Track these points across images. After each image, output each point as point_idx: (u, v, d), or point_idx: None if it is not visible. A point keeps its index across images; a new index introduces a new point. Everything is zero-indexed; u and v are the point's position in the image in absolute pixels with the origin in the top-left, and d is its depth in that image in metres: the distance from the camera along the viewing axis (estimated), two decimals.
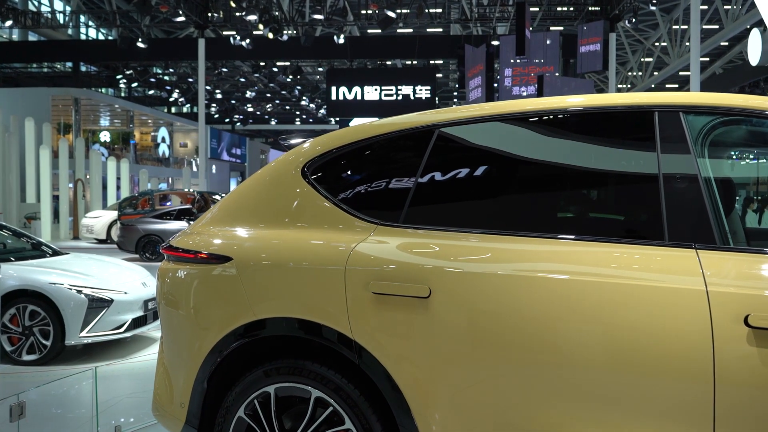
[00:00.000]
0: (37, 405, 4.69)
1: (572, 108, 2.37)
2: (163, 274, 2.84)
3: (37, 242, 7.32)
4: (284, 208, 2.62)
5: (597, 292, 1.98)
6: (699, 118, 2.16)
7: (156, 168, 37.85)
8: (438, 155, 2.46)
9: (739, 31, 22.36)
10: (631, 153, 2.27)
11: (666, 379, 1.89)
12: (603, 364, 1.95)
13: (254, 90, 39.95)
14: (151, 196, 18.41)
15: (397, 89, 26.96)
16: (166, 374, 2.78)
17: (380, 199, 2.52)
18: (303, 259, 2.42)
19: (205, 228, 2.81)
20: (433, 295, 2.16)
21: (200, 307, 2.63)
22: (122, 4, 29.19)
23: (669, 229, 2.03)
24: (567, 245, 2.13)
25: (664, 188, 2.08)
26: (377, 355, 2.25)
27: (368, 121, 2.71)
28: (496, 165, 2.44)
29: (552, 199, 2.39)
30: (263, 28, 22.86)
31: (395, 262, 2.27)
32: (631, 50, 33.21)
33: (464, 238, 2.26)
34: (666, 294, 1.92)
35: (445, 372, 2.15)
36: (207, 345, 2.56)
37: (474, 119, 2.46)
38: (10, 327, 5.92)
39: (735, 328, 1.84)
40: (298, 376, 2.40)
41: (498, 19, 26.21)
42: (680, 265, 1.96)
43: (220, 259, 2.58)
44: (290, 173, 2.67)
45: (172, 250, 2.80)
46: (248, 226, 2.66)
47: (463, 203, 2.45)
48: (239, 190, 2.84)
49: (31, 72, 37.24)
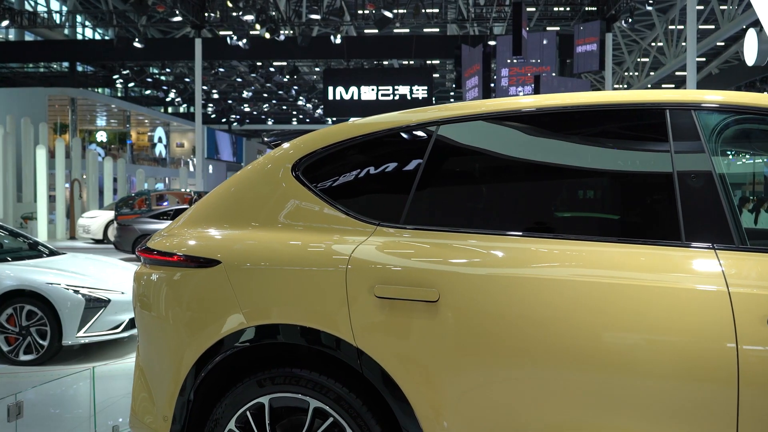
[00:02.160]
0: (35, 405, 4.69)
1: (587, 105, 2.28)
2: (139, 278, 2.65)
3: (34, 242, 7.31)
4: (274, 208, 2.46)
5: (616, 294, 1.93)
6: (711, 116, 2.12)
7: (153, 168, 37.81)
8: (440, 152, 2.35)
9: (735, 31, 22.42)
10: (644, 152, 2.21)
11: (689, 382, 1.85)
12: (623, 368, 1.90)
13: (251, 90, 39.90)
14: (147, 196, 18.39)
15: (393, 89, 26.97)
16: (145, 384, 2.59)
17: (379, 198, 2.42)
18: (298, 261, 2.28)
19: (184, 230, 2.61)
20: (443, 298, 2.06)
21: (184, 314, 2.44)
22: (119, 3, 29.13)
23: (686, 230, 1.99)
24: (582, 246, 2.06)
25: (679, 187, 2.03)
26: (382, 363, 2.13)
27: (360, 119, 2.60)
28: (503, 164, 2.35)
29: (565, 198, 2.33)
30: (260, 28, 22.83)
31: (400, 264, 2.15)
32: (627, 50, 33.26)
33: (472, 238, 2.16)
34: (688, 296, 1.89)
35: (455, 379, 2.06)
36: (194, 353, 2.38)
37: (481, 116, 2.35)
38: (7, 327, 5.92)
39: (759, 329, 1.81)
40: (295, 385, 2.27)
41: (495, 19, 26.21)
42: (700, 266, 1.93)
43: (206, 263, 2.40)
44: (278, 172, 2.52)
45: (149, 253, 2.61)
46: (234, 228, 2.48)
47: (468, 203, 2.37)
48: (222, 190, 2.66)
49: (27, 72, 37.14)
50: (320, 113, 44.11)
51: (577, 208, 2.34)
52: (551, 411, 1.97)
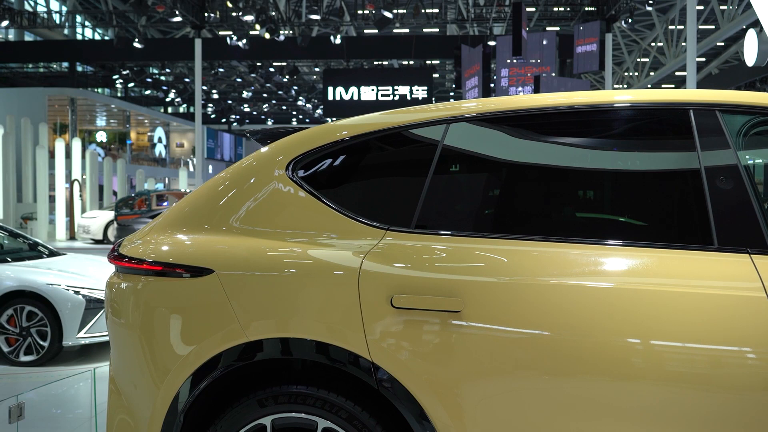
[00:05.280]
0: (36, 406, 4.68)
1: (611, 103, 2.18)
2: (111, 287, 2.37)
3: (34, 243, 7.31)
4: (268, 212, 2.24)
5: (655, 301, 1.84)
6: (736, 118, 2.04)
7: (152, 168, 37.80)
8: (453, 151, 2.20)
9: (735, 31, 22.42)
10: (672, 154, 2.14)
11: (729, 391, 1.78)
12: (664, 379, 1.81)
13: (251, 90, 39.93)
14: (147, 196, 18.37)
15: (393, 89, 26.98)
16: (123, 405, 2.30)
17: (387, 200, 2.24)
18: (303, 269, 2.09)
19: (162, 235, 2.34)
20: (467, 308, 1.92)
21: (169, 329, 2.18)
22: (118, 4, 29.12)
23: (718, 234, 1.91)
24: (610, 251, 1.95)
25: (709, 190, 1.94)
26: (401, 379, 1.96)
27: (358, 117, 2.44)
28: (524, 164, 2.23)
29: (590, 201, 2.24)
30: (260, 29, 22.83)
31: (420, 271, 1.99)
32: (627, 50, 33.26)
33: (494, 243, 2.02)
34: (726, 302, 1.82)
35: (480, 394, 1.92)
36: (184, 372, 2.13)
37: (498, 114, 2.20)
38: (7, 328, 5.92)
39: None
40: (301, 404, 2.07)
41: (494, 20, 26.22)
42: (736, 271, 1.86)
43: (195, 271, 2.15)
44: (270, 173, 2.29)
45: (124, 261, 2.31)
46: (225, 234, 2.24)
47: (486, 205, 2.24)
48: (207, 192, 2.39)
49: (27, 72, 37.15)
50: (320, 113, 44.13)
51: (602, 210, 2.23)
52: (597, 430, 1.86)
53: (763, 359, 1.77)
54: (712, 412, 1.79)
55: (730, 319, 1.80)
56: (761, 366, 1.76)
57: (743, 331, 1.79)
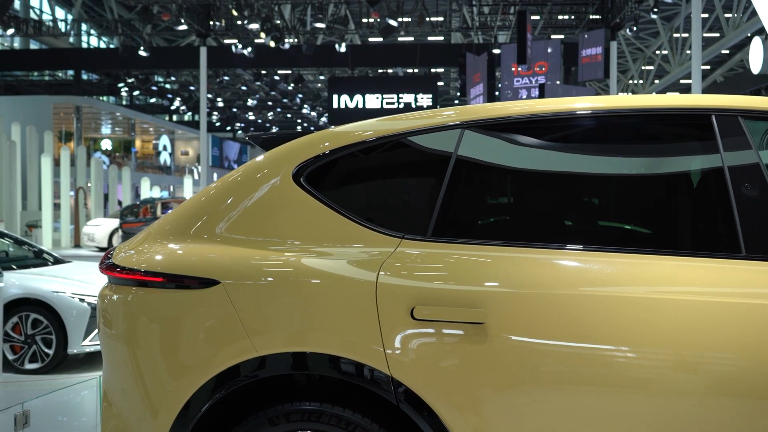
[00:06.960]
0: (42, 413, 4.66)
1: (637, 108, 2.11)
2: (103, 299, 2.25)
3: (39, 250, 7.31)
4: (273, 220, 2.14)
5: (691, 311, 1.79)
6: (759, 123, 2.00)
7: (157, 176, 37.88)
8: (470, 158, 2.10)
9: (740, 39, 22.40)
10: (695, 159, 2.08)
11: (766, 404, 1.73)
12: (700, 392, 1.76)
13: (255, 98, 40.02)
14: (152, 204, 18.40)
15: (398, 97, 27.01)
16: (121, 425, 2.18)
17: (402, 207, 2.16)
18: (317, 280, 1.99)
19: (155, 245, 2.22)
20: (490, 319, 1.85)
21: (173, 343, 2.07)
22: (124, 12, 29.26)
23: (745, 241, 1.87)
24: (638, 259, 1.89)
25: (735, 196, 1.90)
26: (421, 393, 1.89)
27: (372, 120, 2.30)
28: (544, 171, 2.16)
29: (616, 209, 2.17)
30: (265, 37, 22.90)
31: (441, 282, 1.92)
32: (632, 58, 33.28)
33: (516, 252, 1.94)
34: (761, 312, 1.77)
35: (509, 411, 1.85)
36: (189, 388, 2.02)
37: (522, 118, 2.11)
38: (12, 335, 5.90)
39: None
40: (315, 422, 1.97)
41: (499, 28, 26.27)
42: (766, 279, 1.82)
43: (200, 283, 2.05)
44: (275, 179, 2.18)
45: (117, 271, 2.19)
46: (229, 243, 2.12)
47: (507, 213, 2.19)
48: (206, 200, 2.26)
49: (32, 80, 37.33)
50: (325, 121, 44.21)
51: (628, 219, 2.17)
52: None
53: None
54: (751, 422, 1.75)
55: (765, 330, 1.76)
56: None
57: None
